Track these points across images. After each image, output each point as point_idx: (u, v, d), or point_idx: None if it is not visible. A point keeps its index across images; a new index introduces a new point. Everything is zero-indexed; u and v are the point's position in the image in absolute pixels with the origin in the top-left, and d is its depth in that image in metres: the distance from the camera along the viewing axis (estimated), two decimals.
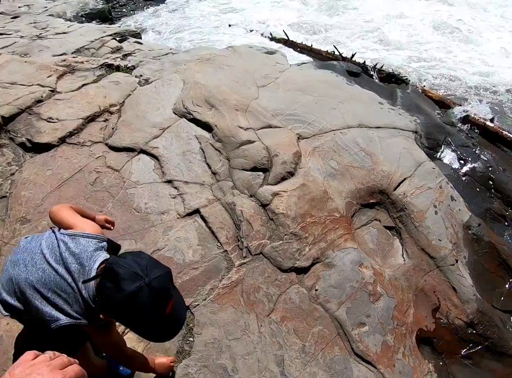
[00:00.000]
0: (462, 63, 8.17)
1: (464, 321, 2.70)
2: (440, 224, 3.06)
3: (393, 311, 2.56)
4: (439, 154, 3.76)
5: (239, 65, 4.30)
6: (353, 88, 4.26)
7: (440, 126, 4.02)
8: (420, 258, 2.91)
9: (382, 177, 3.15)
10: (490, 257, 3.13)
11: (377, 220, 3.07)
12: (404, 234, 3.01)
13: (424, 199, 3.13)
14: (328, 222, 2.77)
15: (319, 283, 2.52)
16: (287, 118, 3.46)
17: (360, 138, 3.39)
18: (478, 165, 3.72)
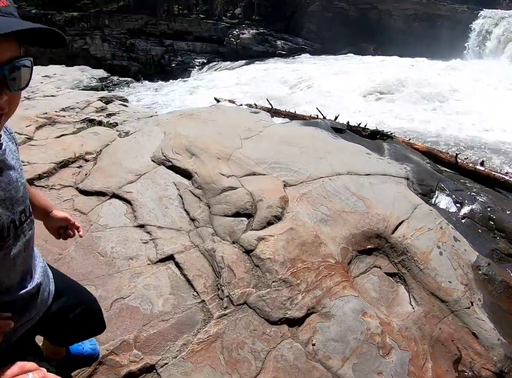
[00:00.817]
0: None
1: (492, 371, 2.29)
2: (447, 265, 2.77)
3: (408, 365, 2.17)
4: (434, 200, 3.59)
5: (223, 120, 4.37)
6: (339, 141, 4.27)
7: (431, 173, 3.92)
8: (431, 303, 2.57)
9: (378, 220, 2.93)
10: (507, 297, 2.79)
11: (377, 266, 2.78)
12: (409, 279, 2.70)
13: (426, 240, 2.89)
14: (323, 268, 2.48)
15: (317, 336, 2.15)
16: (272, 167, 3.36)
17: (350, 184, 3.26)
18: (476, 206, 3.52)
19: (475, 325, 2.46)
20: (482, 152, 7.06)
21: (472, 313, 2.53)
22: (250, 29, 28.59)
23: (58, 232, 1.36)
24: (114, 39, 26.06)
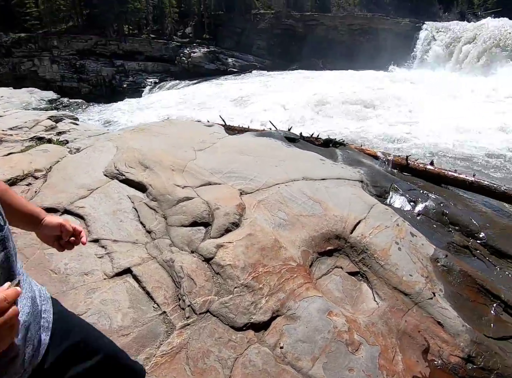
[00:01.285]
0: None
1: (460, 357, 2.40)
2: (406, 259, 2.90)
3: (378, 359, 2.24)
4: (388, 200, 3.77)
5: (176, 133, 4.42)
6: (293, 149, 4.41)
7: (384, 175, 4.13)
8: (395, 297, 2.67)
9: (336, 222, 3.04)
10: (467, 286, 2.95)
11: (339, 267, 2.87)
12: (370, 276, 2.80)
13: (384, 237, 3.02)
14: (284, 271, 2.54)
15: (284, 338, 2.19)
16: (228, 176, 3.42)
17: (306, 189, 3.37)
18: (429, 203, 3.73)
19: (439, 314, 2.58)
20: (429, 155, 7.58)
21: (435, 303, 2.65)
22: (201, 48, 29.10)
23: (58, 243, 1.18)
24: (63, 60, 25.80)
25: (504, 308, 2.95)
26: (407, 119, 11.48)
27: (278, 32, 31.98)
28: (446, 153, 8.15)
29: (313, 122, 10.58)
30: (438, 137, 9.34)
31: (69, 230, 1.16)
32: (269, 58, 30.93)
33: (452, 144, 8.79)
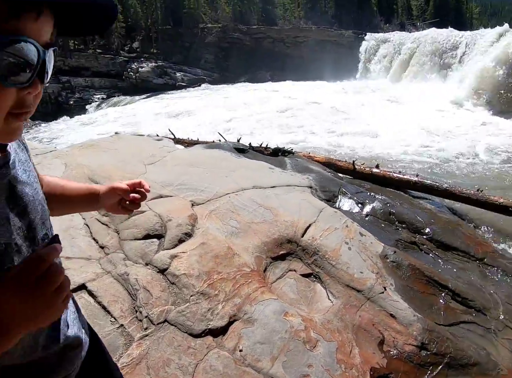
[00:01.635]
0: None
1: (414, 345, 2.59)
2: (357, 257, 3.10)
3: (336, 354, 2.39)
4: (337, 203, 4.01)
5: (125, 148, 4.45)
6: (243, 160, 4.58)
7: (332, 180, 4.37)
8: (348, 294, 2.85)
9: (287, 227, 3.19)
10: (416, 278, 3.19)
11: (292, 270, 3.02)
12: (323, 276, 2.97)
13: (334, 238, 3.20)
14: (239, 277, 2.65)
15: (243, 342, 2.29)
16: (179, 188, 3.51)
17: (257, 197, 3.52)
18: (376, 204, 4.00)
19: (391, 307, 2.77)
20: (373, 159, 8.08)
21: (387, 296, 2.85)
22: (149, 62, 29.08)
23: (122, 207, 1.12)
24: None
25: (452, 296, 3.22)
26: (352, 127, 12.21)
27: (226, 46, 32.60)
28: (392, 156, 8.74)
29: (260, 133, 10.94)
30: (383, 141, 10.01)
31: (123, 188, 1.09)
32: (218, 72, 31.39)
33: (396, 148, 9.45)
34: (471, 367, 2.61)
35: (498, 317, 3.24)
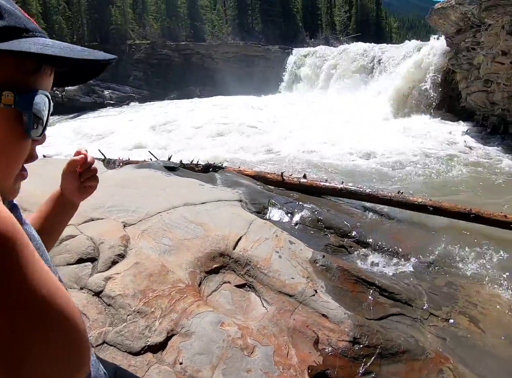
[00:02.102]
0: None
1: (347, 341, 2.84)
2: (287, 264, 3.33)
3: (273, 357, 2.58)
4: (267, 215, 4.26)
5: (53, 172, 4.35)
6: (173, 178, 4.70)
7: (262, 193, 4.63)
8: (281, 300, 3.06)
9: (218, 241, 3.37)
10: (345, 279, 3.48)
11: (227, 282, 3.19)
12: (256, 285, 3.17)
13: (265, 248, 3.42)
14: (174, 293, 2.78)
15: (182, 354, 2.42)
16: (110, 210, 3.57)
17: (188, 214, 3.66)
18: (305, 213, 4.30)
19: (322, 308, 3.01)
20: (302, 169, 8.55)
21: (318, 298, 3.09)
22: None
23: (83, 187, 1.07)
24: None
25: (379, 292, 3.55)
26: (279, 138, 12.77)
27: (154, 62, 32.61)
28: (319, 165, 9.29)
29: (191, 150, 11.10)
30: (310, 151, 10.58)
31: (79, 158, 1.03)
32: (147, 89, 31.23)
33: (323, 157, 10.05)
34: (402, 354, 2.89)
35: (423, 306, 3.61)
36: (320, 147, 11.04)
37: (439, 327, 3.45)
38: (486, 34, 12.72)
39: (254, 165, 8.24)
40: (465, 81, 15.17)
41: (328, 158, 10.07)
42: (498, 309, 3.81)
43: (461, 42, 14.77)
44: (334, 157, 10.15)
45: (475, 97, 14.24)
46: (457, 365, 2.97)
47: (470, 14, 13.22)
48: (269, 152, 10.60)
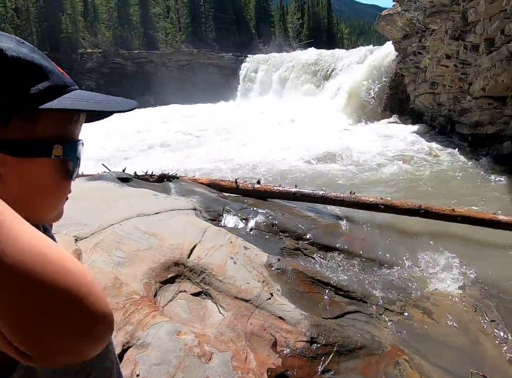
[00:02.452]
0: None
1: (304, 341, 2.91)
2: (242, 270, 3.39)
3: (231, 362, 2.61)
4: (222, 222, 4.31)
5: None
6: (126, 189, 4.66)
7: (216, 200, 4.67)
8: (237, 305, 3.10)
9: (172, 250, 3.38)
10: (301, 281, 3.56)
11: (183, 291, 3.20)
12: (213, 292, 3.20)
13: (219, 255, 3.46)
14: (129, 305, 2.76)
15: (139, 366, 2.41)
16: (60, 224, 3.47)
17: (141, 224, 3.65)
18: (259, 218, 4.38)
19: (279, 310, 3.08)
20: (256, 174, 8.67)
21: (274, 302, 3.16)
22: None
23: None
24: None
25: (335, 292, 3.66)
26: (233, 145, 12.89)
27: (107, 71, 32.08)
28: (272, 170, 9.44)
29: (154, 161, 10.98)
30: (264, 156, 10.72)
31: None
32: None
33: (276, 162, 10.21)
34: (359, 350, 3.00)
35: (378, 302, 3.76)
36: (275, 154, 11.18)
37: (394, 321, 3.60)
38: (431, 39, 13.33)
39: (210, 174, 8.26)
40: (413, 84, 15.85)
41: (285, 165, 10.22)
42: (449, 299, 4.02)
43: (408, 47, 15.41)
44: (290, 164, 10.30)
45: (423, 99, 14.92)
46: (413, 356, 3.11)
47: (416, 20, 13.83)
48: (224, 161, 10.63)
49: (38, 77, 0.60)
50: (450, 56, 12.13)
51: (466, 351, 3.41)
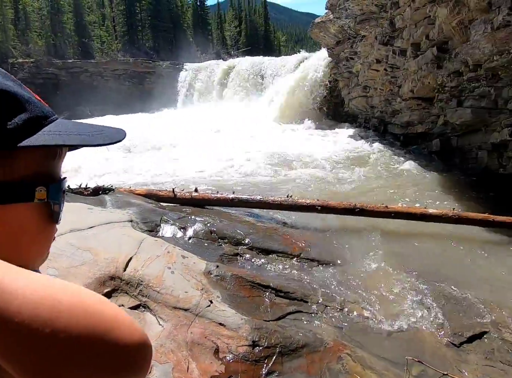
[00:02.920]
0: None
1: (246, 345, 2.93)
2: (180, 279, 3.36)
3: (172, 373, 2.61)
4: (160, 232, 4.26)
5: None
6: None
7: (154, 210, 4.62)
8: (177, 315, 3.08)
9: (108, 264, 3.30)
10: (241, 286, 3.59)
11: (121, 305, 3.13)
12: (151, 304, 3.15)
13: (156, 265, 3.42)
14: None
15: None
16: None
17: (74, 240, 3.54)
18: (197, 226, 4.38)
19: (219, 317, 3.08)
20: (192, 183, 8.58)
21: (214, 308, 3.16)
22: None
23: None
24: None
25: (275, 294, 3.71)
26: (171, 155, 12.64)
27: (40, 82, 30.63)
28: (211, 177, 9.38)
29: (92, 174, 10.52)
30: (201, 165, 10.62)
31: None
32: None
33: (214, 169, 10.16)
34: (301, 349, 3.05)
35: (318, 301, 3.84)
36: (215, 163, 11.08)
37: (335, 317, 3.70)
38: (361, 45, 13.93)
39: (149, 185, 8.07)
40: (346, 88, 16.49)
41: (222, 174, 10.16)
42: (387, 292, 4.18)
43: (340, 53, 16.01)
44: (228, 173, 10.27)
45: (357, 102, 15.55)
46: (354, 349, 3.21)
47: (347, 27, 14.40)
48: (163, 172, 10.39)
49: (15, 109, 0.53)
50: (380, 60, 12.73)
51: (405, 340, 3.56)
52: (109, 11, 43.97)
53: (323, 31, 16.56)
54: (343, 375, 2.98)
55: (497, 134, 8.03)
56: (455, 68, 8.88)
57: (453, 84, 9.16)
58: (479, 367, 3.29)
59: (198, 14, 51.61)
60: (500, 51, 6.95)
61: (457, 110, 9.11)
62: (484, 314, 3.88)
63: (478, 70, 8.03)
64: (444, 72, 9.30)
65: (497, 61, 7.18)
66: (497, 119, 7.93)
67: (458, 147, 10.05)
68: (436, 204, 6.97)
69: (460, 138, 9.90)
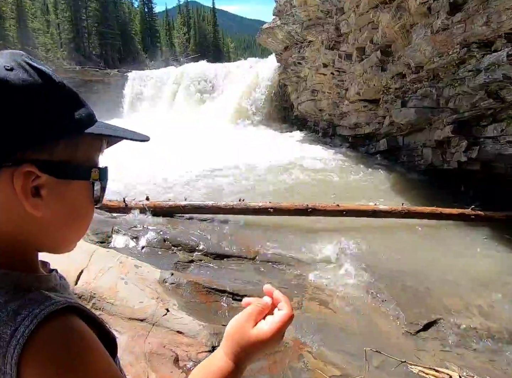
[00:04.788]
0: None
1: (206, 351, 2.90)
2: (134, 289, 3.29)
3: None
4: (112, 243, 4.17)
5: None
6: None
7: (105, 221, 4.50)
8: (133, 326, 3.02)
9: None
10: (197, 292, 3.57)
11: None
12: (106, 317, 3.07)
13: (109, 277, 3.34)
14: None
15: None
16: None
17: None
18: (150, 235, 4.32)
19: (176, 325, 3.05)
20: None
21: (170, 317, 3.11)
22: None
23: None
24: None
25: (232, 297, 3.71)
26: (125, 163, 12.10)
27: None
28: (165, 184, 9.05)
29: None
30: (151, 171, 10.24)
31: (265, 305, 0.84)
32: None
33: (170, 178, 9.82)
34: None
35: None
36: (164, 170, 10.63)
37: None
38: (309, 50, 14.19)
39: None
40: (295, 92, 16.73)
41: (175, 179, 9.81)
42: (343, 288, 4.26)
43: (288, 58, 16.24)
44: (182, 178, 9.95)
45: (305, 106, 15.81)
46: (315, 347, 3.26)
47: (294, 32, 14.64)
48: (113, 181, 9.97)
49: (78, 104, 0.65)
50: (327, 65, 13.00)
51: (363, 333, 3.65)
52: (54, 17, 42.44)
53: (270, 37, 16.76)
54: (306, 373, 3.03)
55: (439, 131, 8.37)
56: (398, 70, 9.21)
57: (397, 85, 9.50)
58: (436, 352, 3.41)
59: (146, 20, 50.96)
60: (440, 53, 7.30)
61: (401, 111, 9.43)
62: (437, 302, 4.04)
63: (420, 72, 8.37)
64: (388, 74, 9.62)
65: (437, 62, 7.53)
66: (439, 117, 8.27)
67: (405, 146, 10.42)
68: (386, 201, 7.19)
69: (406, 137, 10.26)
